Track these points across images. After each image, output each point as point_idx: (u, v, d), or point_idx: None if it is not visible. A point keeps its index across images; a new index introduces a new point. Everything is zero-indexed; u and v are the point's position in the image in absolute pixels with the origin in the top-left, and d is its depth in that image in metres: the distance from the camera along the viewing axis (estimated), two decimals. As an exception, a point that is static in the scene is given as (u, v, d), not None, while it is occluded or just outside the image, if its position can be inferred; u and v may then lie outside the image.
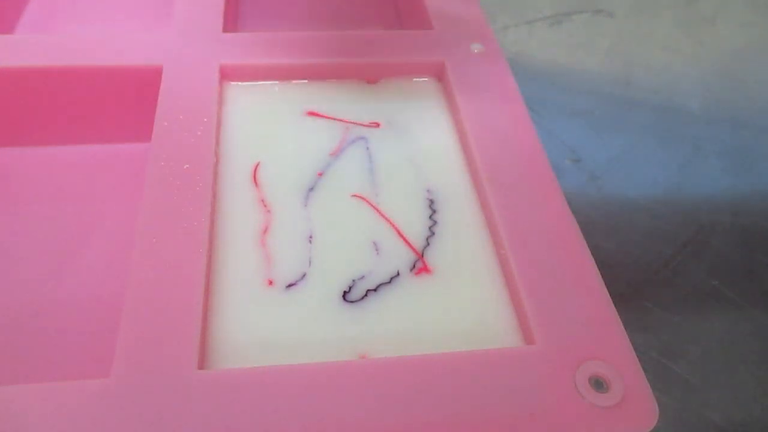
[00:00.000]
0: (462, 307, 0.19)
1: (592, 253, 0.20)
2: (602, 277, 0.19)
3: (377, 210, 0.22)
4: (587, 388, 0.17)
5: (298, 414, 0.16)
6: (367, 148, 0.24)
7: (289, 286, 0.20)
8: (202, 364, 0.17)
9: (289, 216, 0.21)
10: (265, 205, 0.22)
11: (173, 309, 0.18)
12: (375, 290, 0.20)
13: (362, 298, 0.19)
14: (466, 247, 0.21)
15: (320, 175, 0.23)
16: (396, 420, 0.16)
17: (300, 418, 0.16)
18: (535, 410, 0.16)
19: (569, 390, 0.17)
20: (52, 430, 0.15)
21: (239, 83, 0.26)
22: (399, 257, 0.21)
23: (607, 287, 0.19)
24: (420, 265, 0.20)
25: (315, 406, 0.16)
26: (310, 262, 0.20)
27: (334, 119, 0.25)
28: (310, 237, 0.21)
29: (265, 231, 0.21)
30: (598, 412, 0.16)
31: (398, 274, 0.20)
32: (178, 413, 0.15)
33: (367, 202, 0.22)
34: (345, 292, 0.20)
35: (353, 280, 0.20)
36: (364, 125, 0.25)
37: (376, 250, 0.21)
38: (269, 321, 0.19)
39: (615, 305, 0.19)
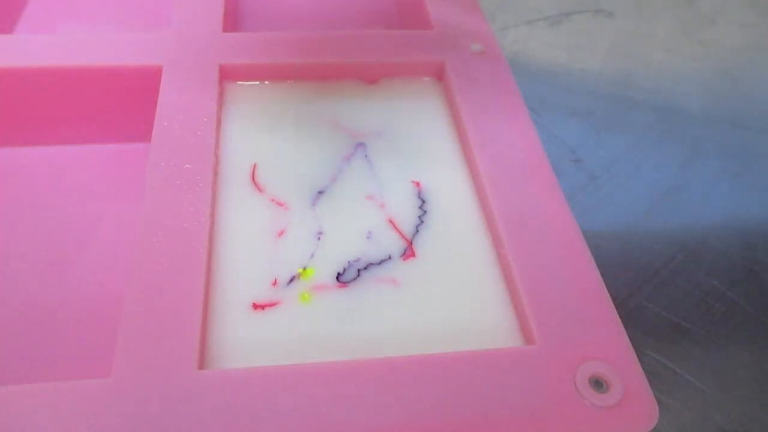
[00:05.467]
0: (462, 306, 0.19)
1: (592, 253, 0.20)
2: (602, 277, 0.19)
3: (382, 209, 0.22)
4: (587, 388, 0.17)
5: (298, 414, 0.16)
6: (366, 156, 0.24)
7: (291, 281, 0.20)
8: (202, 364, 0.17)
9: (292, 216, 0.21)
10: (269, 205, 0.22)
11: (173, 309, 0.18)
12: (365, 269, 0.20)
13: (355, 278, 0.20)
14: (465, 246, 0.21)
15: (328, 177, 0.23)
16: (396, 420, 0.16)
17: (300, 418, 0.16)
18: (535, 410, 0.16)
19: (569, 390, 0.17)
20: (52, 430, 0.15)
21: (239, 83, 0.26)
22: (393, 248, 0.21)
23: (607, 287, 0.19)
24: (409, 251, 0.21)
25: (315, 406, 0.16)
26: (312, 255, 0.20)
27: (336, 125, 0.25)
28: (319, 234, 0.21)
29: (279, 231, 0.21)
30: (597, 412, 0.16)
31: (389, 257, 0.20)
32: (178, 413, 0.15)
33: (374, 202, 0.22)
34: (339, 274, 0.20)
35: (348, 262, 0.20)
36: (364, 133, 0.25)
37: (374, 243, 0.21)
38: (268, 320, 0.19)
39: (615, 305, 0.19)
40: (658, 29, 0.44)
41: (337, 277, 0.20)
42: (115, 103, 0.26)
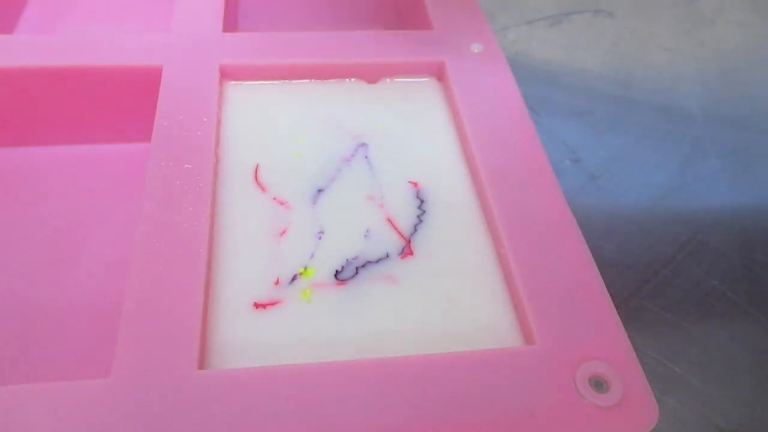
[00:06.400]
0: (461, 306, 0.19)
1: (592, 253, 0.20)
2: (602, 277, 0.19)
3: (381, 208, 0.22)
4: (587, 388, 0.17)
5: (298, 414, 0.16)
6: (366, 157, 0.24)
7: (293, 279, 0.20)
8: (202, 364, 0.17)
9: (293, 216, 0.21)
10: (271, 204, 0.22)
11: (173, 309, 0.18)
12: (363, 267, 0.20)
13: (353, 276, 0.20)
14: (464, 246, 0.21)
15: (328, 176, 0.23)
16: (396, 420, 0.16)
17: (300, 418, 0.16)
18: (535, 410, 0.16)
19: (569, 390, 0.17)
20: (52, 430, 0.15)
21: (239, 83, 0.26)
22: (391, 246, 0.21)
23: (607, 287, 0.19)
24: (407, 250, 0.21)
25: (315, 406, 0.16)
26: (312, 255, 0.20)
27: (336, 125, 0.25)
28: (320, 233, 0.21)
29: (279, 230, 0.21)
30: (597, 412, 0.16)
31: (387, 256, 0.20)
32: (178, 413, 0.15)
33: (373, 202, 0.22)
34: (337, 272, 0.20)
35: (346, 260, 0.20)
36: (364, 133, 0.25)
37: (372, 241, 0.21)
38: (269, 319, 0.19)
39: (615, 305, 0.19)
40: (658, 29, 0.44)
41: (335, 275, 0.20)
42: (115, 103, 0.26)
